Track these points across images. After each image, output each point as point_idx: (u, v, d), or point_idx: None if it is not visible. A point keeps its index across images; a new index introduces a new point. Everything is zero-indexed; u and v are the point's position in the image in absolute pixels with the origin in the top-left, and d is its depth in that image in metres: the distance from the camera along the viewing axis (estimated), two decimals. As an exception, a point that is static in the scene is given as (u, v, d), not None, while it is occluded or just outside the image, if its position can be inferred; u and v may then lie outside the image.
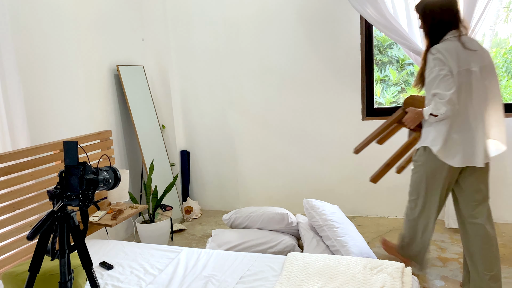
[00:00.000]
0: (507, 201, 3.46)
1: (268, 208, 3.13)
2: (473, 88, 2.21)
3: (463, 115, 2.22)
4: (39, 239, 1.39)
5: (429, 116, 2.24)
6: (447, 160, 2.23)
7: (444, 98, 2.15)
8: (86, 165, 1.43)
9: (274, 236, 2.95)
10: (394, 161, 2.80)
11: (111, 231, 3.46)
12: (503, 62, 6.38)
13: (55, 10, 2.94)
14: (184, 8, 4.06)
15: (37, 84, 2.78)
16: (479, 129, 2.23)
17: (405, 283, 1.90)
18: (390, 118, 2.74)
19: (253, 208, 3.20)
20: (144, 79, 3.88)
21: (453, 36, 2.22)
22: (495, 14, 6.17)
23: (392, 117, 2.73)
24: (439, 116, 2.19)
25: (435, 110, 2.19)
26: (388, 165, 2.81)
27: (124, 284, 2.12)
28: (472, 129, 2.22)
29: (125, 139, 3.74)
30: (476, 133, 2.22)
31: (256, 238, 2.94)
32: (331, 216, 2.85)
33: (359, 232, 2.86)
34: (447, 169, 2.26)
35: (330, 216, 2.85)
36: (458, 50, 2.19)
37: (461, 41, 2.21)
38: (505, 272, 2.68)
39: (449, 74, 2.16)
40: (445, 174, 2.28)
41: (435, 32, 2.26)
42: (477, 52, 2.23)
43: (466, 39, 2.23)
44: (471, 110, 2.22)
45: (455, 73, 2.17)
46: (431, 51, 2.22)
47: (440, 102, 2.17)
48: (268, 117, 4.00)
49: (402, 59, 6.66)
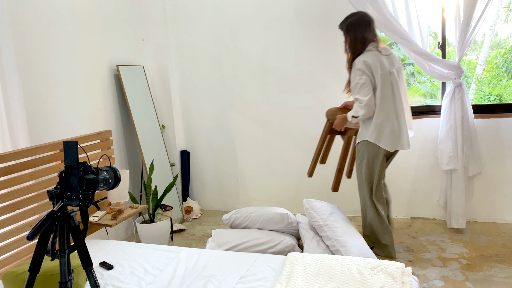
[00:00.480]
0: (507, 201, 3.46)
1: (268, 208, 3.13)
2: (394, 86, 2.75)
3: (390, 109, 2.74)
4: (39, 239, 1.39)
5: (352, 118, 2.79)
6: (384, 146, 2.77)
7: (362, 103, 2.69)
8: (86, 165, 1.43)
9: (274, 236, 2.95)
10: (342, 164, 3.16)
11: (111, 231, 3.46)
12: (503, 62, 6.38)
13: (55, 10, 2.94)
14: (184, 8, 4.06)
15: (37, 84, 2.78)
16: (402, 120, 2.81)
17: (405, 283, 1.90)
18: (322, 133, 3.21)
19: (253, 208, 3.20)
20: (144, 79, 3.88)
21: (373, 47, 2.74)
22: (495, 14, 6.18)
23: (323, 132, 3.21)
24: (359, 117, 2.75)
25: (355, 113, 2.75)
26: (339, 170, 3.17)
27: (124, 284, 2.12)
28: (398, 120, 2.78)
29: (125, 139, 3.74)
30: (401, 123, 2.80)
31: (256, 238, 2.93)
32: (331, 216, 2.85)
33: (359, 232, 2.86)
34: (383, 153, 2.82)
35: (330, 216, 2.85)
36: (379, 57, 2.71)
37: (379, 50, 2.74)
38: (505, 272, 2.69)
39: (367, 82, 2.68)
40: (381, 158, 2.84)
41: (358, 45, 2.75)
42: (391, 56, 2.80)
43: (381, 48, 2.77)
44: (395, 105, 2.76)
45: (379, 75, 2.68)
46: (354, 63, 2.72)
47: (359, 106, 2.72)
48: (268, 117, 4.00)
49: (402, 59, 6.65)
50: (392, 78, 2.74)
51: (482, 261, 2.85)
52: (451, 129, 3.28)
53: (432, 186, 3.63)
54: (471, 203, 3.54)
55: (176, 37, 4.15)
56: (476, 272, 2.70)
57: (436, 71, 3.28)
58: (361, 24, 2.73)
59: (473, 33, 3.14)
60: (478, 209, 3.54)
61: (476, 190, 3.52)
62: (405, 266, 2.05)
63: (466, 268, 2.76)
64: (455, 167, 3.27)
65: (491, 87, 6.62)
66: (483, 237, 3.23)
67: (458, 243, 3.14)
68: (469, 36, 3.14)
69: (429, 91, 7.13)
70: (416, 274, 2.71)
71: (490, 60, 6.49)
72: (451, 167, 3.27)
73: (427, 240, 3.24)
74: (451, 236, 3.29)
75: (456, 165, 3.27)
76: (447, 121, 3.30)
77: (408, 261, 2.91)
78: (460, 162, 3.27)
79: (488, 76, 6.64)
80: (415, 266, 2.83)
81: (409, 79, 7.00)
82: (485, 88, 6.69)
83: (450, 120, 3.28)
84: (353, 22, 2.75)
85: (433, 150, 3.56)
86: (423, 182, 3.66)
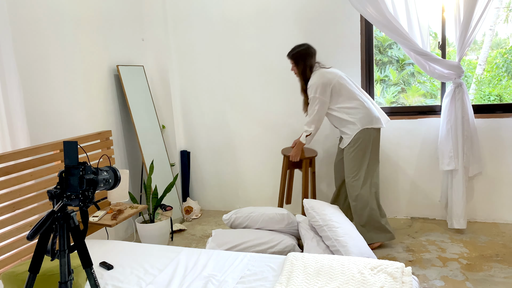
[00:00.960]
0: (507, 201, 3.46)
1: (268, 208, 3.13)
2: (349, 82, 3.13)
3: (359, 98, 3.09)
4: (39, 239, 1.39)
5: (306, 138, 3.18)
6: (376, 124, 3.08)
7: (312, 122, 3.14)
8: (86, 165, 1.43)
9: (274, 236, 2.95)
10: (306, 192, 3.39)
11: (111, 231, 3.46)
12: (503, 62, 6.38)
13: (55, 10, 2.94)
14: (184, 8, 4.06)
15: (37, 84, 2.78)
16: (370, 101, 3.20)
17: (405, 283, 1.90)
18: (282, 170, 3.50)
19: (252, 208, 3.20)
20: (144, 79, 3.88)
21: (318, 67, 3.15)
22: (495, 14, 6.18)
23: (282, 169, 3.50)
24: (311, 134, 3.16)
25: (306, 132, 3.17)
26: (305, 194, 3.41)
27: (124, 284, 2.12)
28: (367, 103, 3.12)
29: (125, 139, 3.74)
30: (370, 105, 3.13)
31: (256, 238, 2.93)
32: (331, 216, 2.85)
33: (359, 233, 2.86)
34: (377, 132, 3.13)
35: (330, 216, 2.85)
36: (326, 72, 3.09)
37: (322, 67, 3.16)
38: (505, 272, 2.69)
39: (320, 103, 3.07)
40: (378, 137, 3.15)
41: (306, 71, 3.14)
42: (333, 67, 3.23)
43: (322, 65, 3.20)
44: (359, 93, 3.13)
45: (334, 83, 3.06)
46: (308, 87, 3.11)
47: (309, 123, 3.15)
48: (268, 117, 4.00)
49: (402, 59, 6.66)
50: (344, 80, 3.12)
51: (482, 261, 2.85)
52: (451, 129, 3.28)
53: (432, 186, 3.63)
54: (471, 203, 3.54)
55: (176, 37, 4.15)
56: (476, 272, 2.70)
57: (436, 71, 3.28)
58: (308, 54, 3.14)
59: (473, 33, 3.14)
60: (478, 209, 3.54)
61: (476, 190, 3.53)
62: (405, 266, 2.05)
63: (466, 268, 2.76)
64: (456, 167, 3.27)
65: (491, 87, 6.63)
66: (483, 237, 3.23)
67: (458, 243, 3.14)
68: (469, 36, 3.14)
69: (429, 91, 7.13)
70: (416, 274, 2.71)
71: (490, 60, 6.49)
72: (451, 167, 3.27)
73: (427, 240, 3.24)
74: (451, 236, 3.29)
75: (457, 165, 3.27)
76: (447, 121, 3.30)
77: (408, 261, 2.91)
78: (460, 162, 3.27)
79: (488, 76, 6.65)
80: (415, 266, 2.83)
81: (409, 79, 7.01)
82: (485, 88, 6.69)
83: (450, 120, 3.28)
84: (302, 53, 3.14)
85: (433, 150, 3.56)
86: (423, 182, 3.66)
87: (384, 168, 3.74)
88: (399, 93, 6.83)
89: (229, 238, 2.94)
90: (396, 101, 6.77)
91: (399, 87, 6.86)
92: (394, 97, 6.74)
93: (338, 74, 3.11)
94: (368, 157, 3.10)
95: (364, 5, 3.20)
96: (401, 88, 6.88)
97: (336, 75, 3.10)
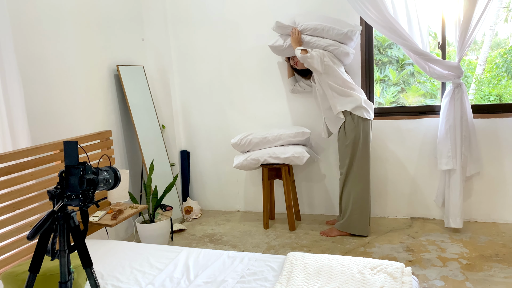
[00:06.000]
0: (507, 201, 3.46)
1: (281, 129, 3.63)
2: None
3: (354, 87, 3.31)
4: (39, 239, 1.39)
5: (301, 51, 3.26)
6: (367, 115, 3.26)
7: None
8: (86, 165, 1.43)
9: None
10: (289, 200, 3.55)
11: (111, 231, 3.46)
12: (503, 62, 6.37)
13: (55, 10, 2.94)
14: (184, 8, 4.06)
15: (37, 84, 2.78)
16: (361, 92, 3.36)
17: (405, 283, 1.91)
18: (263, 183, 3.68)
19: (263, 131, 3.65)
20: (144, 79, 3.88)
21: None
22: (495, 14, 6.16)
23: (262, 180, 3.68)
24: (308, 54, 3.23)
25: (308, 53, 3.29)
26: (289, 207, 3.56)
27: (124, 284, 2.12)
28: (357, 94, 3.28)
29: (125, 139, 3.74)
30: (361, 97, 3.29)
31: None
32: None
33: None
34: (369, 124, 3.31)
35: None
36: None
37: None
38: (505, 272, 2.69)
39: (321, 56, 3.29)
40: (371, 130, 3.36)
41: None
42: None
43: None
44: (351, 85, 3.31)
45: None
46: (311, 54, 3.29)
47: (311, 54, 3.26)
48: (268, 117, 4.00)
49: (401, 59, 6.65)
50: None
51: (482, 261, 2.85)
52: (450, 129, 3.28)
53: (432, 186, 3.63)
54: (471, 203, 3.54)
55: (176, 37, 4.15)
56: (476, 272, 2.71)
57: (436, 72, 3.28)
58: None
59: (473, 33, 3.14)
60: (478, 209, 3.54)
61: (476, 190, 3.53)
62: (405, 266, 2.05)
63: (466, 268, 2.76)
64: (454, 167, 3.27)
65: (491, 87, 6.62)
66: (483, 237, 3.24)
67: (458, 243, 3.14)
68: (469, 36, 3.14)
69: (428, 91, 7.13)
70: (416, 274, 2.71)
71: (490, 60, 6.49)
72: (449, 167, 3.27)
73: (427, 240, 3.24)
74: (451, 236, 3.29)
75: (455, 165, 3.27)
76: (446, 121, 3.30)
77: (408, 261, 2.91)
78: (458, 162, 3.27)
79: (488, 76, 6.64)
80: (415, 266, 2.83)
81: (409, 79, 7.01)
82: (485, 88, 6.69)
83: (449, 120, 3.28)
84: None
85: (433, 150, 3.56)
86: (423, 182, 3.66)
87: (384, 168, 3.75)
88: (399, 93, 6.83)
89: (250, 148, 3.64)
90: (396, 101, 6.77)
91: (399, 87, 6.86)
92: (394, 97, 6.74)
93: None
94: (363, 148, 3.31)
95: (364, 6, 3.19)
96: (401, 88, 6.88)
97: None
